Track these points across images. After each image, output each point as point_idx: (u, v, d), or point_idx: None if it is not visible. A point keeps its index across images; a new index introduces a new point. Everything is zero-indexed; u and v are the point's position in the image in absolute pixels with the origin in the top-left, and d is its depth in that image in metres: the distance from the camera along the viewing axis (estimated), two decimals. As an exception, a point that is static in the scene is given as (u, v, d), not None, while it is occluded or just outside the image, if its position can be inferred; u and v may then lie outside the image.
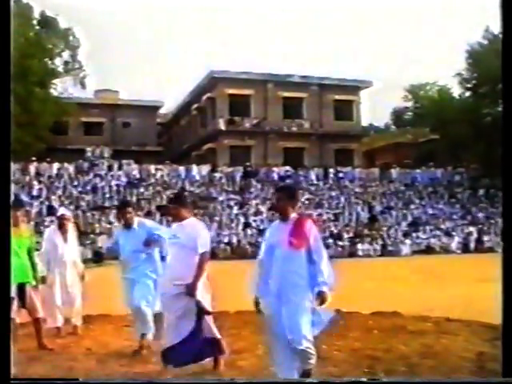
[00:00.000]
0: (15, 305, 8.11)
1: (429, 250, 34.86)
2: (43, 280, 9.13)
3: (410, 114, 63.28)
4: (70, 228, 9.81)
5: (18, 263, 8.15)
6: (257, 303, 6.02)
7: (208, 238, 6.89)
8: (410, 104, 61.95)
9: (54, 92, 46.65)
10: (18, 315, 8.14)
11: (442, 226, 37.94)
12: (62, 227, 9.71)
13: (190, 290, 6.46)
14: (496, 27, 43.18)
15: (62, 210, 10.47)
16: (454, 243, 35.70)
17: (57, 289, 9.52)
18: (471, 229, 37.14)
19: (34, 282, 8.25)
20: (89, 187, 37.48)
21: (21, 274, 8.12)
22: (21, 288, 8.13)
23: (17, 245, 8.20)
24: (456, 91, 50.67)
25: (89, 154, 43.43)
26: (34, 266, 8.31)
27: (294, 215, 5.89)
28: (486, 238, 36.03)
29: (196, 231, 6.74)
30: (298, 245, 5.74)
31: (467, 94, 47.28)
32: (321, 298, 5.77)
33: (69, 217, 10.04)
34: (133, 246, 8.08)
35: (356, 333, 8.65)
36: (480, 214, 39.89)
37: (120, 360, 7.47)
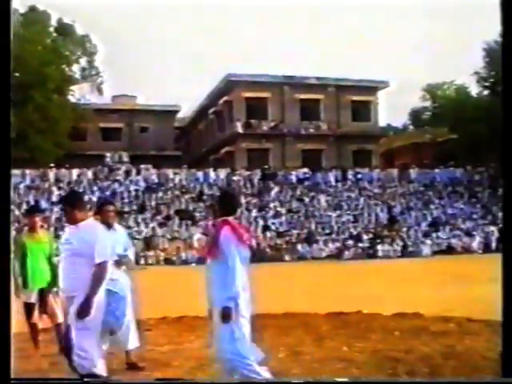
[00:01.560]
0: (36, 310, 8.17)
1: (449, 250, 34.61)
2: None
3: (428, 113, 62.82)
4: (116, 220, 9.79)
5: (37, 269, 8.21)
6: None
7: (109, 244, 5.94)
8: (427, 104, 61.49)
9: (71, 98, 46.95)
10: (39, 320, 8.19)
11: (463, 226, 37.67)
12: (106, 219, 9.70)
13: (82, 310, 5.46)
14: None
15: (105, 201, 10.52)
16: (475, 243, 35.41)
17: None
18: (492, 228, 36.82)
19: (55, 288, 8.25)
20: (108, 192, 37.63)
21: (40, 280, 8.17)
22: (41, 293, 8.18)
23: (35, 250, 8.25)
24: (474, 90, 50.36)
25: (107, 160, 43.63)
26: (54, 271, 8.03)
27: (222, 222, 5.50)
28: (507, 238, 35.71)
29: (93, 236, 5.70)
30: (210, 254, 5.49)
31: (485, 92, 46.97)
32: (222, 314, 5.29)
33: (113, 209, 10.03)
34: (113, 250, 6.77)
35: (377, 334, 8.60)
36: (501, 214, 39.53)
37: (141, 363, 7.48)
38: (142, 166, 40.78)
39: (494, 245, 35.46)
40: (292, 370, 6.50)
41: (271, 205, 38.31)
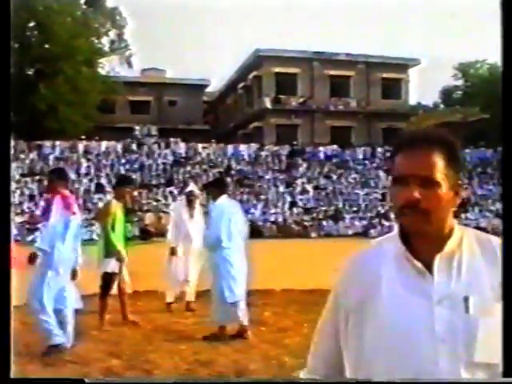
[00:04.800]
0: (116, 280, 8.38)
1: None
2: (173, 251, 9.56)
3: (459, 92, 62.01)
4: (197, 205, 9.90)
5: (121, 238, 8.46)
6: None
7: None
8: (459, 82, 60.63)
9: (101, 71, 47.01)
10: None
11: (492, 208, 37.30)
12: (189, 203, 9.84)
13: None
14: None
15: (191, 187, 10.68)
16: (504, 224, 35.04)
17: (179, 264, 9.68)
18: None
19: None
20: (136, 165, 37.81)
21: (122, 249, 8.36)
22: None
23: (122, 220, 8.54)
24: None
25: (136, 133, 43.73)
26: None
27: None
28: (536, 220, 35.28)
29: None
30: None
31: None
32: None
33: (197, 194, 10.16)
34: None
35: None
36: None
37: (166, 335, 7.54)
38: (171, 139, 40.82)
39: (523, 226, 35.07)
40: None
41: (299, 181, 38.21)
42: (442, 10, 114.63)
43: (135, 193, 27.38)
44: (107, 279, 8.20)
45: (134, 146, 39.82)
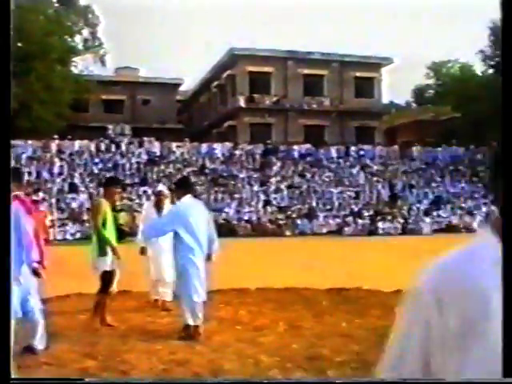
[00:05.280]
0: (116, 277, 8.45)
1: (450, 229, 34.67)
2: (142, 251, 9.65)
3: (431, 91, 62.62)
4: (166, 205, 9.85)
5: (112, 237, 8.43)
6: None
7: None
8: (431, 81, 61.25)
9: (74, 69, 46.71)
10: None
11: (464, 205, 37.70)
12: (158, 203, 9.87)
13: None
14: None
15: (160, 187, 10.73)
16: (476, 222, 35.45)
17: (151, 264, 9.77)
18: (493, 207, 36.80)
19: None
20: (110, 164, 37.59)
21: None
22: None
23: (112, 219, 8.52)
24: (478, 68, 50.07)
25: (110, 132, 43.48)
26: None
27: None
28: (507, 217, 35.69)
29: None
30: None
31: (490, 71, 46.70)
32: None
33: (166, 194, 10.16)
34: None
35: (377, 311, 8.64)
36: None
37: (142, 335, 7.53)
38: (145, 138, 40.66)
39: (494, 224, 35.49)
40: (292, 344, 6.53)
41: (273, 180, 38.28)
42: (416, 9, 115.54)
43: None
44: (106, 278, 8.19)
45: (108, 146, 39.59)
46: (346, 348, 6.31)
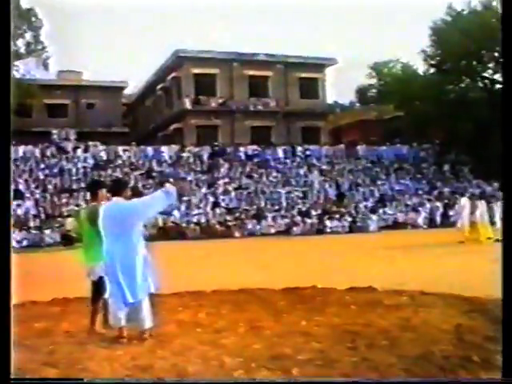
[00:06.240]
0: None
1: (396, 226, 35.28)
2: None
3: (374, 91, 63.39)
4: None
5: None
6: None
7: None
8: (374, 81, 62.01)
9: (16, 74, 45.77)
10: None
11: (409, 202, 38.39)
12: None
13: None
14: (459, 4, 43.50)
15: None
16: (421, 218, 36.16)
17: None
18: (437, 204, 37.63)
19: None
20: (55, 170, 37.05)
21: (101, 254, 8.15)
22: None
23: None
24: (420, 68, 50.96)
25: (54, 137, 42.80)
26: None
27: None
28: (451, 213, 36.42)
29: None
30: None
31: (431, 70, 47.58)
32: None
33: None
34: None
35: (334, 308, 8.75)
36: (445, 189, 40.44)
37: (101, 342, 7.47)
38: (90, 142, 40.19)
39: (438, 220, 36.28)
40: (254, 344, 6.59)
41: (221, 181, 38.32)
42: (357, 10, 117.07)
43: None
44: (99, 283, 8.07)
45: (53, 151, 38.99)
46: (307, 346, 6.40)
